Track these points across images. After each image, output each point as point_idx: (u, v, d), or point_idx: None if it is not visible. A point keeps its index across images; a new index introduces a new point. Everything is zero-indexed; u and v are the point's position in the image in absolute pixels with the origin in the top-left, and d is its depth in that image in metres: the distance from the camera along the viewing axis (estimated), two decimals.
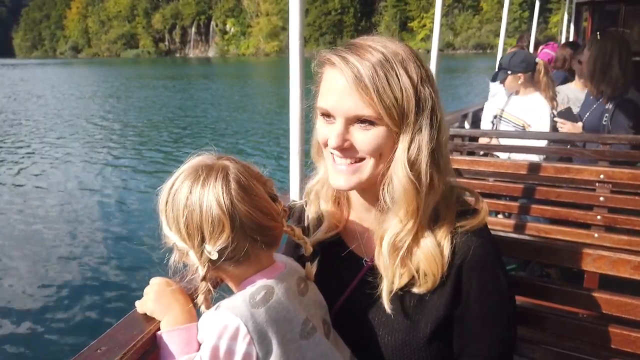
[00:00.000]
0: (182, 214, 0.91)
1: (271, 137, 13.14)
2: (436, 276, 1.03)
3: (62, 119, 16.83)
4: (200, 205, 0.90)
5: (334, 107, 1.01)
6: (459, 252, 1.04)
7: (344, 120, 1.01)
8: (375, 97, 0.96)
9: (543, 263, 2.80)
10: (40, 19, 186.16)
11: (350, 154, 1.03)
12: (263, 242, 0.97)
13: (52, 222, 6.75)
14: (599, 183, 2.32)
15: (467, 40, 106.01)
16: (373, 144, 1.01)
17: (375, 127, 1.00)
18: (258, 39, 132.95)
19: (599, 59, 3.07)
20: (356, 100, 0.98)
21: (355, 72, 0.97)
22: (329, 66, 1.04)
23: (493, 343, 1.08)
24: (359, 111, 0.99)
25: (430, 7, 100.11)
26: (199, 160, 0.98)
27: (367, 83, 0.96)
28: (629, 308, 1.29)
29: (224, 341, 0.89)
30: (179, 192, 0.93)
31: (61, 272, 5.27)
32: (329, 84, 1.03)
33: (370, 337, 1.10)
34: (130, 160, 10.70)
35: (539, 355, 1.41)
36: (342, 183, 1.06)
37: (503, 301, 1.08)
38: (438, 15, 3.24)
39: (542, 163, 2.53)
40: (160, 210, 0.97)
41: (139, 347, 0.87)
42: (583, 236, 2.32)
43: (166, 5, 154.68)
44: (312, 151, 1.22)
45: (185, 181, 0.93)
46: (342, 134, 1.01)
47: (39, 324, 4.29)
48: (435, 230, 1.05)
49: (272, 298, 0.95)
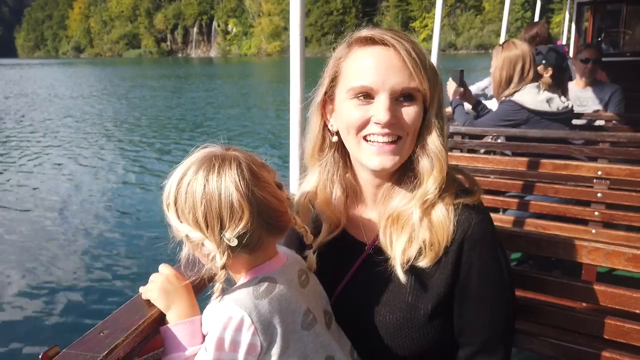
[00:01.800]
0: (199, 203, 0.92)
1: (272, 135, 13.16)
2: (441, 245, 1.05)
3: (69, 118, 16.87)
4: (219, 192, 0.91)
5: (378, 82, 1.03)
6: (460, 227, 1.06)
7: (389, 94, 1.03)
8: (422, 70, 1.02)
9: (539, 257, 2.82)
10: (42, 19, 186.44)
11: (393, 130, 1.05)
12: (275, 228, 0.99)
13: (57, 216, 6.81)
14: (597, 179, 2.33)
15: (469, 41, 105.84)
16: (415, 118, 1.06)
17: (415, 102, 1.05)
18: (260, 39, 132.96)
19: (505, 68, 3.14)
20: (405, 72, 1.02)
21: (404, 45, 1.02)
22: (361, 46, 1.06)
23: (494, 324, 1.09)
24: (407, 83, 1.03)
25: (432, 7, 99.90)
26: (209, 151, 0.99)
27: (415, 56, 1.02)
28: (623, 300, 1.31)
29: (229, 332, 0.90)
30: (194, 182, 0.93)
31: (66, 260, 5.41)
32: (367, 62, 1.05)
33: (372, 316, 1.12)
34: (134, 156, 10.74)
35: (536, 347, 1.42)
36: (386, 163, 1.07)
37: (502, 280, 1.10)
38: (439, 15, 3.26)
39: (541, 160, 2.54)
40: (168, 204, 0.97)
41: (141, 330, 0.89)
42: (581, 232, 2.34)
43: (168, 6, 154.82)
44: (309, 150, 1.21)
45: (200, 171, 0.94)
46: (391, 109, 1.03)
47: (47, 306, 4.43)
48: (443, 201, 1.08)
49: (274, 290, 0.97)
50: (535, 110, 3.06)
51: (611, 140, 2.93)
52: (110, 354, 0.83)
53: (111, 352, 0.83)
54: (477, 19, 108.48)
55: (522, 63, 3.07)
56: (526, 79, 3.09)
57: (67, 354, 0.83)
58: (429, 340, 1.09)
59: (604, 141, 2.94)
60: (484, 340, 1.10)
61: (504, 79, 3.12)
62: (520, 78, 3.09)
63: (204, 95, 25.06)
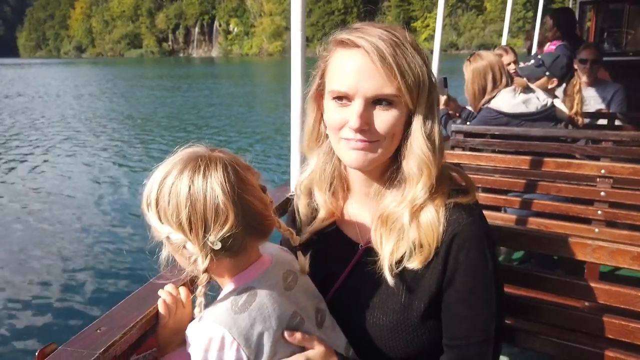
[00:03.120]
0: (184, 204, 0.89)
1: (273, 133, 13.16)
2: (431, 247, 1.03)
3: (71, 118, 16.89)
4: (204, 194, 0.89)
5: (352, 87, 1.01)
6: (450, 227, 1.04)
7: (363, 100, 1.01)
8: (398, 75, 0.98)
9: (541, 256, 2.81)
10: (44, 19, 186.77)
11: (368, 135, 1.03)
12: (258, 232, 0.98)
13: (56, 213, 6.81)
14: (600, 178, 2.32)
15: (470, 40, 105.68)
16: (392, 124, 1.02)
17: (393, 107, 1.02)
18: (261, 39, 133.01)
19: (476, 81, 3.19)
20: (378, 79, 0.99)
21: (378, 50, 0.97)
22: (341, 47, 1.04)
23: (474, 329, 1.06)
24: (381, 90, 1.00)
25: (433, 7, 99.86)
26: (193, 151, 0.96)
27: (391, 61, 0.97)
28: (627, 299, 1.29)
29: (213, 353, 0.89)
30: (178, 182, 0.90)
31: (64, 257, 5.45)
32: (344, 65, 1.02)
33: (365, 319, 1.11)
34: (134, 154, 10.74)
35: (538, 346, 1.41)
36: (359, 161, 1.05)
37: (488, 285, 1.06)
38: (440, 15, 3.26)
39: (543, 158, 2.53)
40: (148, 205, 0.94)
41: (139, 328, 0.89)
42: (584, 231, 2.32)
43: (170, 5, 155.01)
44: (306, 140, 1.21)
45: (185, 172, 0.91)
46: (364, 115, 1.01)
47: (44, 303, 4.46)
48: (433, 202, 1.06)
49: (254, 299, 0.95)
50: (513, 114, 3.09)
51: (614, 139, 2.91)
52: (107, 351, 0.82)
53: (108, 349, 0.82)
54: (478, 18, 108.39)
55: (492, 72, 3.13)
56: (499, 86, 3.13)
57: (64, 350, 0.82)
58: (423, 342, 1.08)
59: (607, 140, 2.92)
60: (466, 342, 1.07)
61: (477, 90, 3.19)
62: (493, 86, 3.14)
63: (206, 95, 25.07)
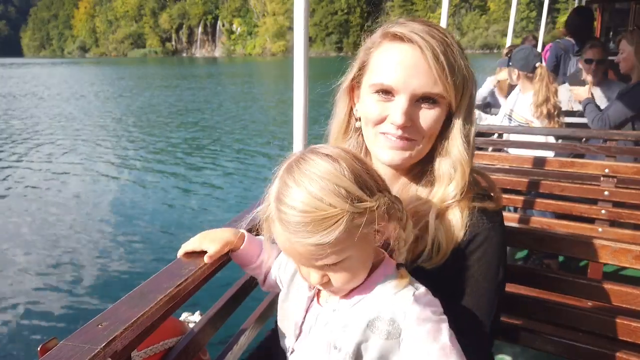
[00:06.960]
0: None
1: (274, 133, 13.17)
2: (448, 248, 1.02)
3: (74, 117, 16.96)
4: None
5: (400, 82, 1.00)
6: (469, 231, 1.04)
7: (410, 96, 1.00)
8: (448, 75, 0.98)
9: (544, 253, 2.79)
10: (48, 19, 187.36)
11: (408, 132, 1.03)
12: None
13: (60, 210, 6.84)
14: (604, 177, 2.31)
15: (474, 40, 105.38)
16: (434, 122, 1.03)
17: (437, 106, 1.02)
18: (264, 38, 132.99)
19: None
20: (430, 76, 0.98)
21: (432, 48, 0.97)
22: (391, 41, 1.03)
23: (472, 328, 1.04)
24: (430, 88, 0.99)
25: (437, 7, 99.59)
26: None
27: (443, 60, 0.98)
28: (630, 298, 1.29)
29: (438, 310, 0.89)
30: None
31: (66, 253, 5.49)
32: (394, 59, 1.01)
33: None
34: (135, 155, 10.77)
35: (541, 345, 1.41)
36: (396, 159, 1.05)
37: (492, 295, 1.06)
38: (444, 15, 3.24)
39: (547, 157, 2.52)
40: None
41: (140, 323, 0.88)
42: (587, 230, 2.32)
43: (173, 5, 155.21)
44: (335, 132, 1.20)
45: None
46: (408, 111, 1.00)
47: (46, 298, 4.49)
48: (459, 204, 1.05)
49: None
50: None
51: (618, 139, 2.90)
52: (109, 346, 0.82)
53: (109, 344, 0.82)
54: (482, 18, 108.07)
55: None
56: None
57: (65, 345, 0.82)
58: None
59: (611, 139, 2.91)
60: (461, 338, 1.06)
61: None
62: None
63: (208, 94, 25.11)
